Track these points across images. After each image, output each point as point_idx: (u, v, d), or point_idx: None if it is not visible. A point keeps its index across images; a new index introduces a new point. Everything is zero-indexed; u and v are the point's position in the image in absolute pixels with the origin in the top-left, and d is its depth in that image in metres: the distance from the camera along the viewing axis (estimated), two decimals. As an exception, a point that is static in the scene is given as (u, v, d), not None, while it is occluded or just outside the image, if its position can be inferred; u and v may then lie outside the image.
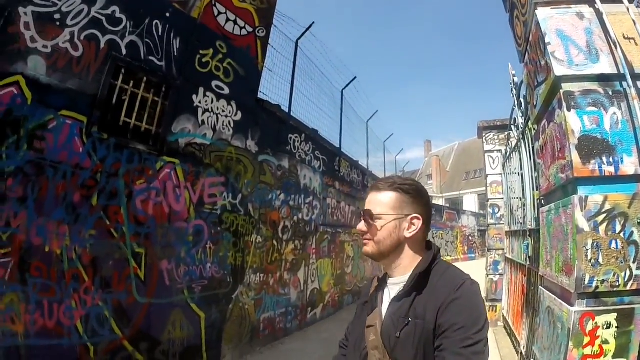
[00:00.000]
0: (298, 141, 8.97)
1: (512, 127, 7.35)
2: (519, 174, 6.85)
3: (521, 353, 5.94)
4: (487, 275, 9.64)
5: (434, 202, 33.86)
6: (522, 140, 6.24)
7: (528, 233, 5.69)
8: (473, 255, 31.85)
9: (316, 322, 9.70)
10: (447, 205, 32.26)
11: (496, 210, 9.49)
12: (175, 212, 5.44)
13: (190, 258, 5.73)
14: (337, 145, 11.25)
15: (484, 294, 10.15)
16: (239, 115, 6.91)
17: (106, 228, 4.48)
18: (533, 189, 5.48)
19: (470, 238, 32.77)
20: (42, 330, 3.83)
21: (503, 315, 8.76)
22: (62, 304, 4.00)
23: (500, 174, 9.28)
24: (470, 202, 42.69)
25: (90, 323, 4.27)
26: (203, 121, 6.09)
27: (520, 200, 6.68)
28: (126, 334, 4.67)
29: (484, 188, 35.35)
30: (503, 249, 9.22)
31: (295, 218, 8.77)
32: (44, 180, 3.87)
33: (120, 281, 4.61)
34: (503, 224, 9.24)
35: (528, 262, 5.78)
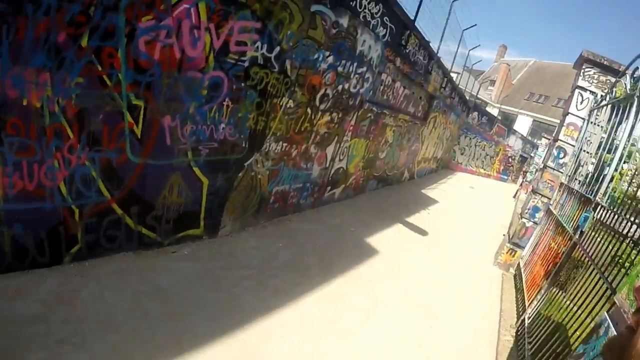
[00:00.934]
0: None
1: (628, 76, 5.63)
2: (608, 133, 5.70)
3: (523, 321, 5.36)
4: (521, 217, 8.19)
5: (487, 110, 30.96)
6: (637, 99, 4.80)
7: (594, 207, 4.85)
8: (505, 177, 29.93)
9: (332, 203, 8.61)
10: (499, 118, 29.31)
11: (561, 154, 7.61)
12: (189, 59, 4.11)
13: (201, 116, 4.58)
14: (412, 17, 8.96)
15: (509, 234, 8.84)
16: (294, -54, 4.91)
17: (97, 74, 3.46)
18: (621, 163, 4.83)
19: (510, 160, 30.44)
20: (21, 194, 3.40)
21: (519, 264, 7.71)
22: (43, 164, 3.44)
23: (584, 118, 7.27)
24: (523, 124, 39.47)
25: (74, 184, 3.74)
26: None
27: (595, 163, 5.62)
28: (115, 196, 4.12)
29: (543, 117, 31.63)
30: (549, 199, 7.77)
31: (340, 87, 7.05)
32: (21, 19, 2.87)
33: (112, 138, 3.82)
34: (562, 172, 7.55)
35: (577, 236, 4.99)
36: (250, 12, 4.62)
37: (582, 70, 7.23)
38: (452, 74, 16.04)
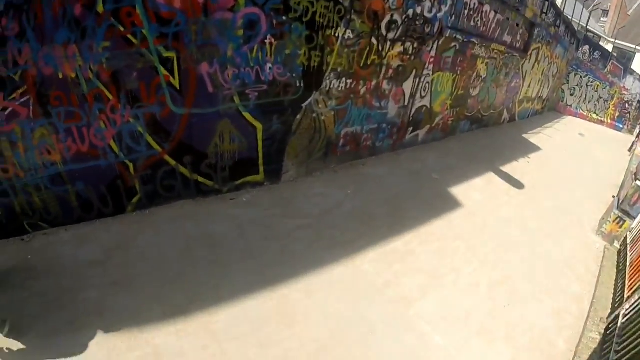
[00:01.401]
0: None
1: None
2: None
3: (617, 317, 3.95)
4: (636, 178, 6.32)
5: (601, 45, 26.60)
6: None
7: None
8: (621, 126, 25.42)
9: (415, 146, 7.63)
10: (614, 55, 24.70)
11: None
12: (214, 0, 3.76)
13: (242, 58, 4.20)
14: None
15: (619, 198, 6.45)
16: None
17: (121, 35, 3.41)
18: None
19: (627, 105, 25.81)
20: (77, 155, 3.64)
21: (625, 238, 5.85)
22: (91, 127, 3.60)
23: None
24: None
25: (124, 141, 3.84)
26: None
27: None
28: (166, 148, 4.13)
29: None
30: None
31: (411, 12, 5.93)
32: (36, 5, 2.98)
33: (150, 93, 3.78)
34: None
35: None
36: None
37: None
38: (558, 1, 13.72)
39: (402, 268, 4.21)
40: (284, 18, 4.37)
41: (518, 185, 7.32)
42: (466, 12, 7.36)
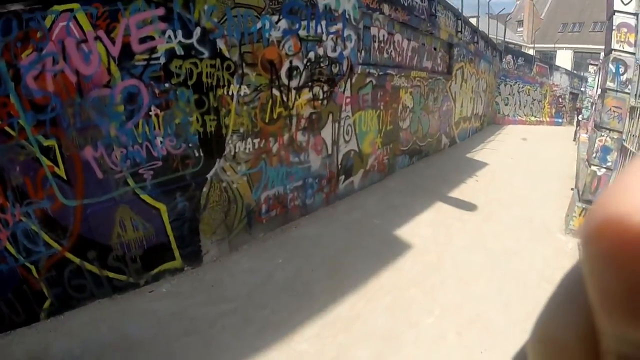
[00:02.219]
0: None
1: None
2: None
3: None
4: (589, 164, 6.06)
5: (523, 51, 28.05)
6: None
7: None
8: (560, 121, 26.62)
9: (352, 194, 7.04)
10: (537, 57, 26.05)
11: (621, 68, 5.55)
12: (87, 78, 3.52)
13: (128, 135, 3.85)
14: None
15: (578, 189, 6.07)
16: None
17: None
18: None
19: (560, 100, 27.12)
20: None
21: None
22: None
23: (636, 14, 5.26)
24: (564, 59, 35.06)
25: (20, 242, 3.51)
26: None
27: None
28: (65, 245, 3.75)
29: (583, 45, 27.81)
30: (620, 132, 5.57)
31: (312, 55, 5.56)
32: None
33: (37, 187, 3.49)
34: (628, 92, 5.48)
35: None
36: (144, 0, 3.70)
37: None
38: (472, 20, 14.20)
39: (348, 338, 3.52)
40: (167, 85, 3.94)
41: (470, 207, 6.86)
42: (376, 45, 7.11)
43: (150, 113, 3.90)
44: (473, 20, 14.71)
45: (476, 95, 15.06)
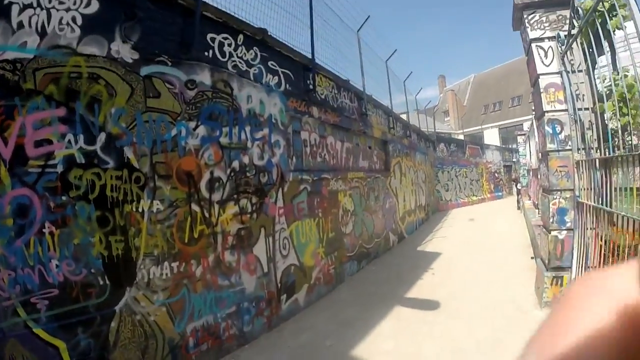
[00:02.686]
0: (230, 45, 5.20)
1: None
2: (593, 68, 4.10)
3: None
4: (550, 230, 5.86)
5: (454, 137, 29.94)
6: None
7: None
8: (500, 194, 28.21)
9: (299, 313, 6.19)
10: (467, 140, 27.99)
11: (557, 128, 5.65)
12: None
13: (17, 256, 3.10)
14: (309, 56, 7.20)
15: (541, 258, 5.59)
16: (94, 5, 3.62)
17: None
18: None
19: (496, 175, 28.90)
20: None
21: None
22: None
23: (559, 72, 5.48)
24: (491, 137, 38.74)
25: None
26: (21, 23, 3.15)
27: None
28: None
29: (506, 121, 30.81)
30: (572, 189, 5.47)
31: (236, 164, 5.11)
32: None
33: None
34: (570, 149, 5.50)
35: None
36: (44, 97, 3.26)
37: (526, 21, 5.60)
38: (402, 116, 15.04)
39: None
40: (64, 198, 3.31)
41: (432, 305, 6.18)
42: (308, 149, 6.85)
43: (44, 230, 3.17)
44: (403, 116, 15.47)
45: (417, 186, 15.30)
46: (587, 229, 4.60)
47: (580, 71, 4.77)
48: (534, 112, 8.56)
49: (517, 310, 5.59)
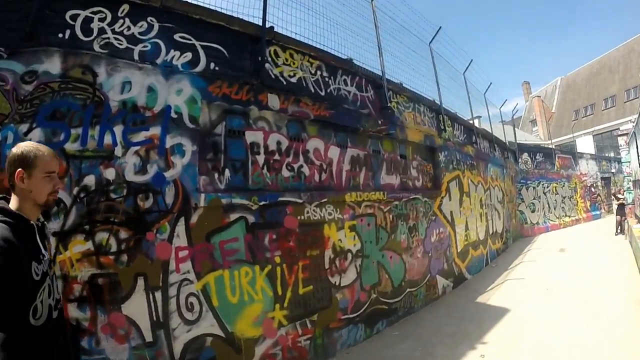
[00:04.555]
0: (104, 19, 3.62)
1: None
2: None
3: None
4: None
5: (540, 145, 26.08)
6: None
7: None
8: (598, 212, 23.69)
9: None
10: (555, 148, 23.76)
11: None
12: None
13: None
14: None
15: None
16: None
17: None
18: None
19: (593, 189, 24.31)
20: None
21: None
22: None
23: None
24: (585, 146, 33.46)
25: None
26: None
27: None
28: None
29: (600, 126, 26.51)
30: None
31: (91, 180, 3.34)
32: None
33: None
34: None
35: None
36: None
37: None
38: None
39: None
40: None
41: None
42: (260, 158, 4.79)
43: None
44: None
45: (489, 209, 12.27)
46: None
47: None
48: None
49: None
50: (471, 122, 12.46)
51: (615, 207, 15.57)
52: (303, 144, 5.46)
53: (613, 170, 26.69)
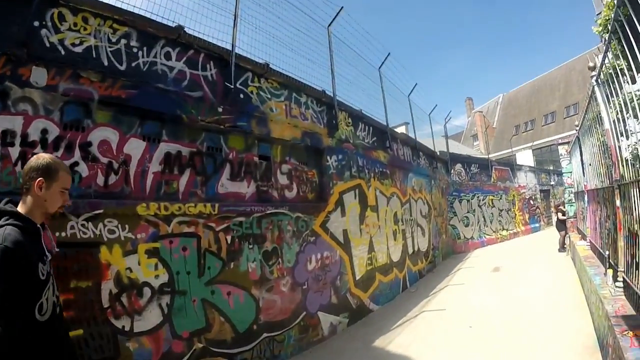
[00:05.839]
0: None
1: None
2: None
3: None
4: None
5: (475, 156, 25.85)
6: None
7: None
8: (537, 225, 23.55)
9: None
10: (492, 160, 23.23)
11: None
12: None
13: None
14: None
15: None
16: None
17: None
18: None
19: (532, 202, 24.13)
20: None
21: None
22: None
23: None
24: (525, 160, 34.56)
25: None
26: None
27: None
28: None
29: (540, 141, 26.19)
30: None
31: None
32: None
33: None
34: None
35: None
36: None
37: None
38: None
39: None
40: None
41: None
42: (16, 150, 3.18)
43: None
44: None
45: (408, 225, 10.96)
46: None
47: None
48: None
49: None
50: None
51: (554, 220, 14.73)
52: (84, 134, 3.85)
53: (552, 183, 26.97)
